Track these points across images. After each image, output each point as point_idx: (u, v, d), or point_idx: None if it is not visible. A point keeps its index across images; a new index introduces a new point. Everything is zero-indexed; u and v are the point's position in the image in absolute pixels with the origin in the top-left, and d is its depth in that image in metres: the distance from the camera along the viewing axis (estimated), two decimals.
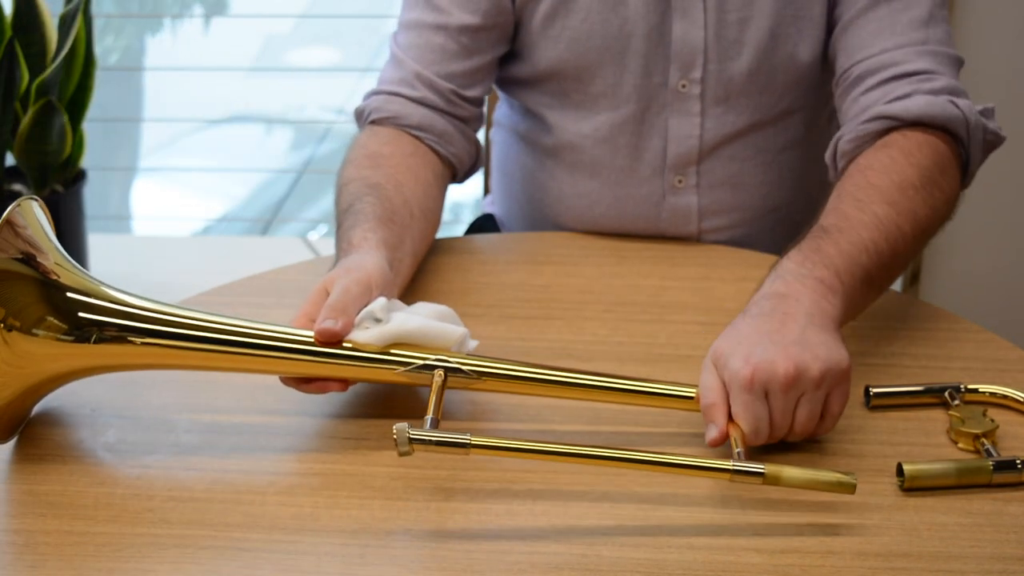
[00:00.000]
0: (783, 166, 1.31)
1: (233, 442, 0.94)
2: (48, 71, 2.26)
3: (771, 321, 0.93)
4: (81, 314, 0.89)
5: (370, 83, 1.30)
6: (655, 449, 0.92)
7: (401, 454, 0.83)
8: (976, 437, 0.93)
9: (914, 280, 2.19)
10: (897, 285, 2.14)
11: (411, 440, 0.83)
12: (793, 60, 1.25)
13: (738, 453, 0.87)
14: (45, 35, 2.34)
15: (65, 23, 2.30)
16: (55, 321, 0.89)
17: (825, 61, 1.26)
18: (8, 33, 2.29)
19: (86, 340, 0.89)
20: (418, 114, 1.24)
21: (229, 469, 0.91)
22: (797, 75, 1.26)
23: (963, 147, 1.14)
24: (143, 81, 4.07)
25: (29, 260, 0.89)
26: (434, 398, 0.89)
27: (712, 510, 0.86)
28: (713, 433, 0.90)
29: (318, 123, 3.89)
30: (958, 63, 1.19)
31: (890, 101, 1.14)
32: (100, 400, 0.98)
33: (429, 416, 0.87)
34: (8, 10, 2.33)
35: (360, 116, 1.27)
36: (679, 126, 1.27)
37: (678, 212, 1.30)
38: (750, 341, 0.92)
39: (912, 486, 0.88)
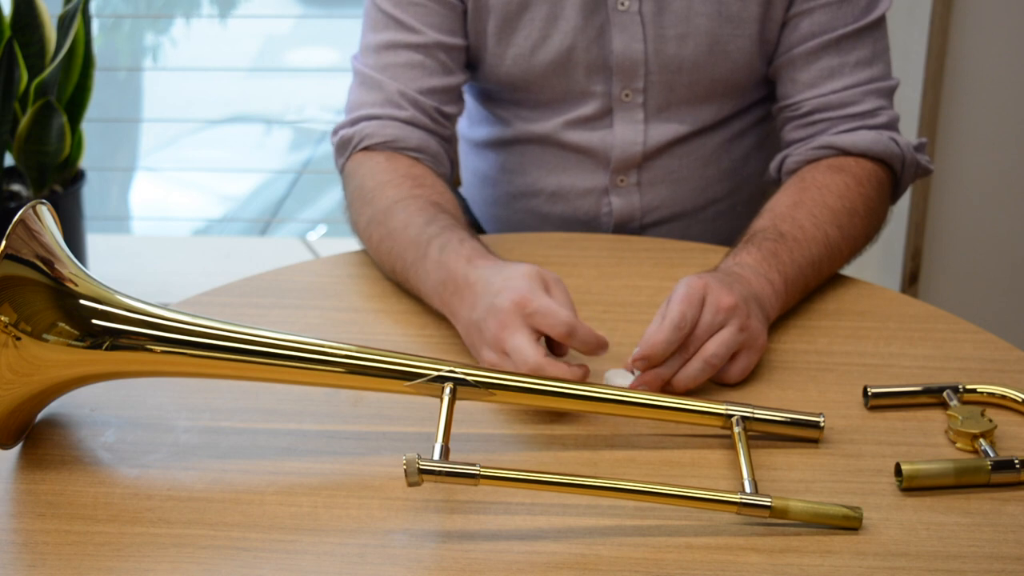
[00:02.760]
0: (722, 162, 1.37)
1: (232, 442, 0.94)
2: (47, 71, 2.26)
3: (726, 277, 1.04)
4: (95, 321, 0.89)
5: None
6: (654, 455, 0.93)
7: (410, 484, 0.83)
8: (974, 437, 0.93)
9: (913, 280, 2.19)
10: (896, 285, 2.15)
11: (420, 471, 0.83)
12: (733, 74, 1.30)
13: (746, 484, 0.87)
14: (44, 35, 2.34)
15: (64, 23, 2.30)
16: (67, 327, 0.89)
17: (759, 65, 1.30)
18: (7, 33, 2.29)
19: (98, 347, 0.89)
20: (415, 137, 1.25)
21: (228, 469, 0.91)
22: (737, 87, 1.32)
23: (896, 178, 1.27)
24: (143, 81, 4.08)
25: (42, 265, 0.89)
26: (443, 419, 0.88)
27: (710, 510, 0.86)
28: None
29: (318, 123, 3.89)
30: (895, 89, 1.29)
31: (839, 133, 1.25)
32: (99, 400, 0.98)
33: (438, 444, 0.86)
34: (7, 10, 2.33)
35: (347, 144, 1.26)
36: (623, 133, 1.32)
37: (620, 207, 1.35)
38: (705, 275, 1.03)
39: (910, 486, 0.89)
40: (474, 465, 0.83)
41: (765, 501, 0.84)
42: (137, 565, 0.81)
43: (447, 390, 0.90)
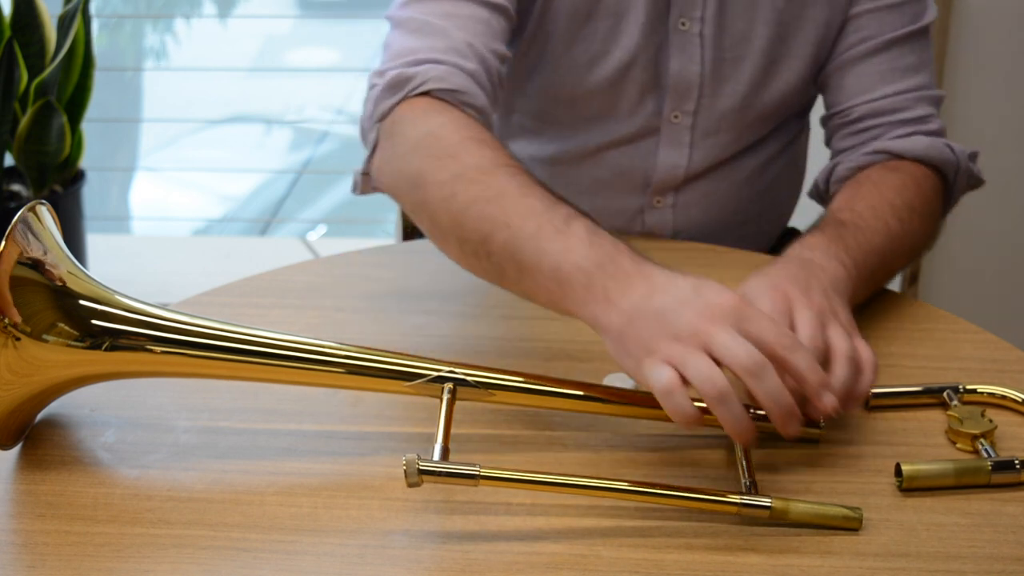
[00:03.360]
0: (756, 183, 1.35)
1: (232, 442, 0.94)
2: (47, 71, 2.26)
3: (800, 271, 0.96)
4: (94, 321, 0.89)
5: None
6: (654, 456, 0.93)
7: (410, 485, 0.83)
8: (974, 437, 0.93)
9: (913, 280, 2.19)
10: (896, 285, 2.14)
11: (420, 472, 0.83)
12: (782, 95, 1.28)
13: (746, 484, 0.86)
14: (44, 35, 2.34)
15: (64, 23, 2.30)
16: (66, 327, 0.88)
17: (809, 87, 1.29)
18: (7, 33, 2.29)
19: (98, 347, 0.89)
20: (481, 98, 1.09)
21: (228, 469, 0.91)
22: (784, 107, 1.30)
23: (949, 186, 1.22)
24: (143, 81, 4.08)
25: (40, 266, 0.89)
26: (443, 419, 0.88)
27: (711, 510, 0.86)
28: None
29: (318, 123, 3.89)
30: (942, 100, 1.26)
31: (892, 138, 1.21)
32: (99, 400, 0.98)
33: (438, 444, 0.85)
34: (7, 10, 2.33)
35: (402, 84, 1.08)
36: (668, 155, 1.29)
37: (653, 226, 1.33)
38: (779, 280, 0.94)
39: (910, 486, 0.89)
40: (474, 466, 0.83)
41: (765, 502, 0.84)
42: (137, 566, 0.81)
43: (447, 390, 0.90)
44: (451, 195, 0.98)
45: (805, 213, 1.35)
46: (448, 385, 0.91)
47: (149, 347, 0.90)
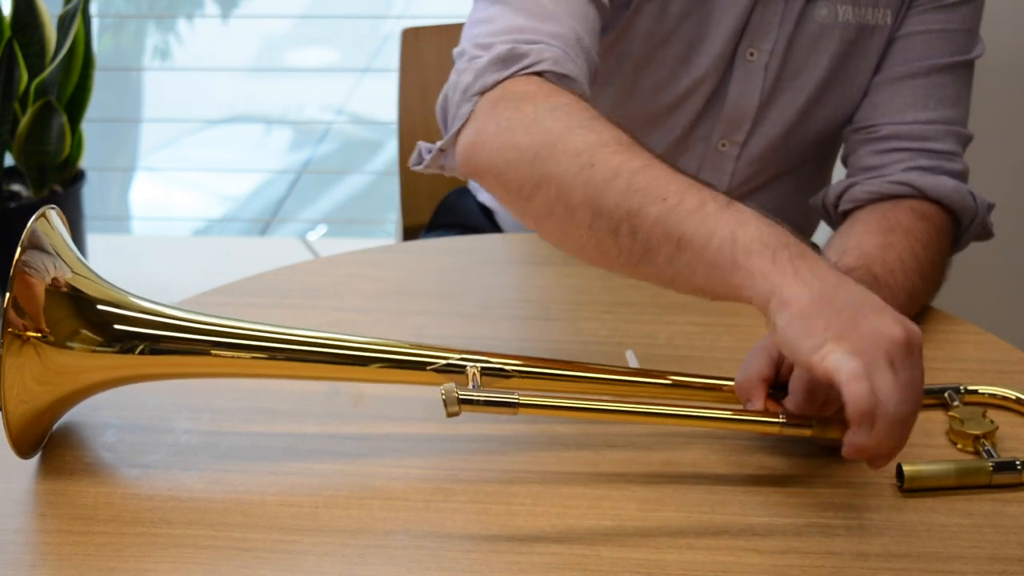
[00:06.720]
0: (790, 207, 1.33)
1: (233, 442, 0.94)
2: (47, 71, 2.26)
3: None
4: (117, 326, 0.89)
5: (370, 83, 1.27)
6: (655, 456, 0.93)
7: (449, 414, 0.82)
8: (976, 438, 0.93)
9: None
10: None
11: (460, 400, 0.82)
12: (828, 123, 1.26)
13: (781, 414, 0.87)
14: (44, 35, 2.34)
15: (64, 23, 2.30)
16: (88, 334, 0.88)
17: (853, 113, 1.26)
18: (7, 33, 2.29)
19: (129, 351, 0.89)
20: (587, 90, 1.03)
21: (229, 469, 0.91)
22: (830, 134, 1.28)
23: (960, 232, 1.20)
24: (143, 81, 4.08)
25: (58, 274, 0.88)
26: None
27: (712, 511, 0.86)
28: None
29: (317, 123, 3.89)
30: (969, 142, 1.23)
31: (914, 169, 1.18)
32: (99, 400, 0.98)
33: (472, 383, 0.87)
34: (7, 10, 2.33)
35: (516, 59, 1.00)
36: (708, 180, 1.26)
37: None
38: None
39: (912, 487, 0.89)
40: (512, 394, 0.83)
41: (807, 421, 0.86)
42: (137, 565, 0.81)
43: (473, 369, 0.89)
44: (588, 164, 0.89)
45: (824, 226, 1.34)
46: (473, 369, 0.89)
47: (213, 352, 0.90)
